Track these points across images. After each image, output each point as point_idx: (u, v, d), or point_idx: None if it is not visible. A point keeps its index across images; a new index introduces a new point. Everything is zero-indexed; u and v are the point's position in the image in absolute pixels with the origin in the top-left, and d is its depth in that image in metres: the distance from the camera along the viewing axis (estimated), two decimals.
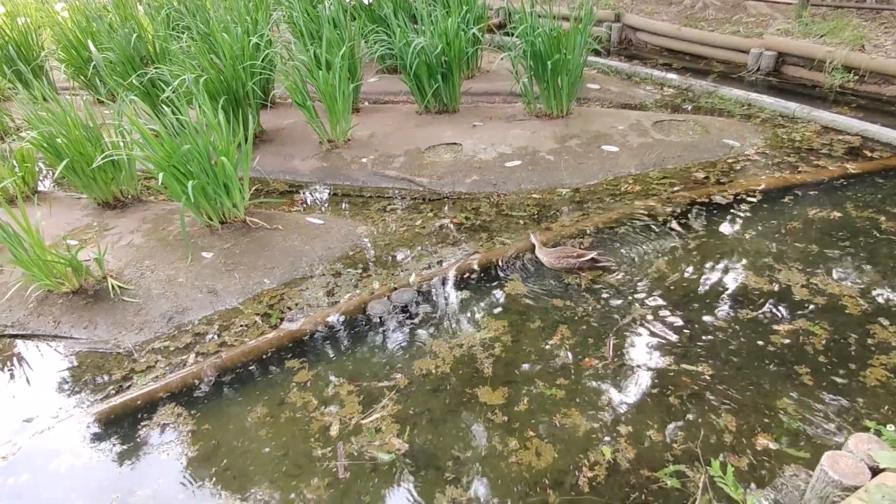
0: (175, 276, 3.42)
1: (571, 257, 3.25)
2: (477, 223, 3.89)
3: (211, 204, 3.63)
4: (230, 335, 3.06)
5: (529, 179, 4.31)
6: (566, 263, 3.26)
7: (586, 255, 3.24)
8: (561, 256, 3.27)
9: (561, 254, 3.28)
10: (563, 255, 3.27)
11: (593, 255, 3.23)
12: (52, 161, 3.89)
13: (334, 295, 3.30)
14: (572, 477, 2.18)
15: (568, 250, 3.30)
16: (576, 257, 3.25)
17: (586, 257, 3.23)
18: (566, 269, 3.28)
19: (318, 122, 4.79)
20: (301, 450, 2.40)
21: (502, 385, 2.59)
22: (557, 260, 3.27)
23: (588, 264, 3.26)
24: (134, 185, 4.30)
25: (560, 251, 3.30)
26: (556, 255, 3.29)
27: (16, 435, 2.60)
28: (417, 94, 5.26)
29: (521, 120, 5.06)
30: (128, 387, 2.79)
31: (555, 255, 3.29)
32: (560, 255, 3.27)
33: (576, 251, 3.29)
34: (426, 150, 4.77)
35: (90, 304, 3.28)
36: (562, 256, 3.27)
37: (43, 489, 2.36)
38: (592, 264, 3.27)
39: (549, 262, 3.31)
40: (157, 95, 4.73)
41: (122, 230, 3.89)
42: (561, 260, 3.26)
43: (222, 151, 3.46)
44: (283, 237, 3.73)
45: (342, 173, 4.68)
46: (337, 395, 2.64)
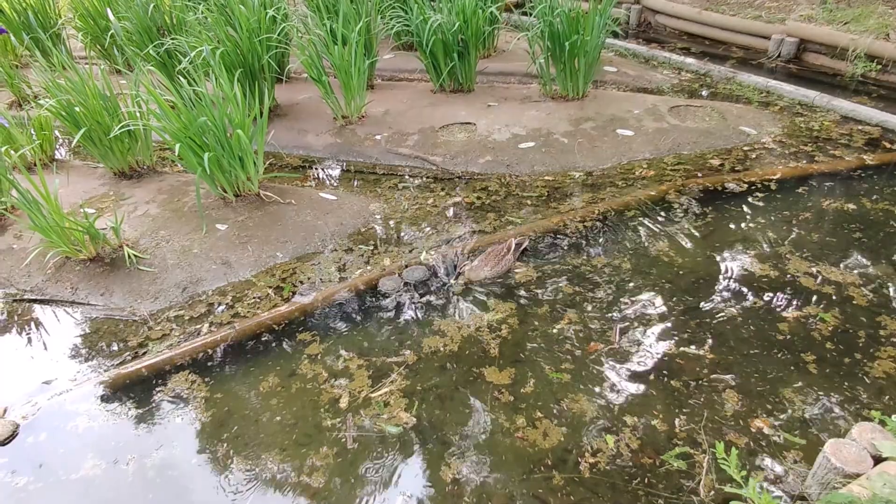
0: (190, 247, 3.45)
1: (506, 255, 3.12)
2: (488, 203, 3.89)
3: (226, 176, 3.65)
4: (243, 306, 3.10)
5: (542, 161, 4.29)
6: (506, 263, 3.11)
7: (511, 244, 3.16)
8: (497, 261, 3.10)
9: (494, 258, 3.11)
10: (497, 256, 3.11)
11: (517, 241, 3.18)
12: (70, 129, 3.91)
13: (346, 271, 3.33)
14: (575, 458, 2.21)
15: (496, 251, 3.14)
16: (507, 251, 3.13)
17: (513, 247, 3.15)
18: (507, 269, 3.14)
19: (333, 98, 4.77)
20: (311, 420, 2.45)
21: (509, 366, 2.61)
22: (497, 265, 3.10)
23: (517, 253, 3.18)
24: (150, 155, 4.32)
25: (489, 257, 3.12)
26: (490, 263, 3.10)
27: (35, 396, 2.67)
28: (433, 72, 5.21)
29: (536, 101, 5.01)
30: (143, 353, 2.84)
31: (489, 263, 3.10)
32: (495, 261, 3.10)
33: (503, 246, 3.15)
34: (440, 128, 4.74)
35: (107, 272, 3.33)
36: (498, 260, 3.10)
37: (60, 448, 2.43)
38: (518, 251, 3.20)
39: (492, 272, 3.10)
40: (174, 66, 4.71)
41: (138, 200, 3.92)
42: (500, 263, 3.10)
43: (238, 124, 3.46)
44: (295, 212, 3.75)
45: (356, 150, 4.67)
46: (346, 368, 2.68)
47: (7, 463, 2.38)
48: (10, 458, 2.40)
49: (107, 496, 2.23)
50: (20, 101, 5.92)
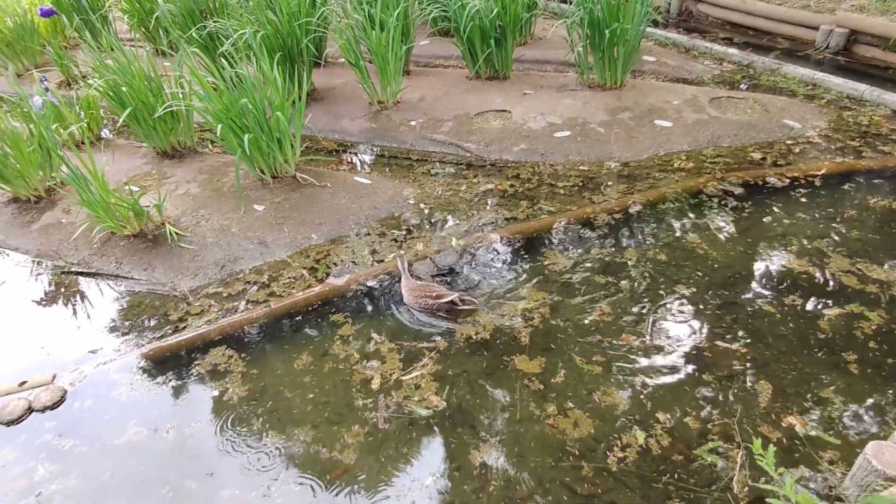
0: (228, 226, 3.51)
1: (430, 297, 2.83)
2: (521, 191, 3.85)
3: (264, 158, 3.69)
4: (278, 286, 3.15)
5: (578, 151, 4.22)
6: (423, 304, 2.85)
7: (445, 296, 2.81)
8: (419, 296, 2.86)
9: (420, 292, 2.87)
10: (422, 293, 2.86)
11: (453, 298, 2.81)
12: (117, 109, 4.00)
13: (379, 254, 3.35)
14: (604, 450, 2.19)
15: (427, 289, 2.88)
16: (434, 298, 2.83)
17: (445, 299, 2.80)
18: (424, 309, 2.87)
19: (369, 83, 4.77)
20: (343, 399, 2.48)
21: (540, 355, 2.60)
22: (416, 299, 2.87)
23: (447, 306, 2.83)
24: (191, 136, 4.40)
25: (420, 289, 2.88)
26: (415, 293, 2.88)
27: (81, 364, 2.77)
28: (469, 58, 5.16)
29: (572, 90, 4.92)
30: (183, 328, 2.92)
31: (414, 293, 2.88)
32: (419, 294, 2.86)
33: (435, 291, 2.85)
34: (475, 115, 4.71)
35: (149, 248, 3.41)
36: (420, 296, 2.86)
37: (104, 415, 2.51)
38: (452, 307, 2.84)
39: (408, 299, 2.91)
40: (216, 49, 4.77)
41: (180, 179, 4.01)
42: (419, 300, 2.86)
43: (278, 107, 3.49)
44: (331, 195, 3.78)
45: (390, 135, 4.67)
46: (378, 351, 2.70)
47: (55, 426, 2.48)
48: (57, 422, 2.50)
49: (147, 462, 2.30)
50: (69, 80, 6.08)
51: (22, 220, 3.86)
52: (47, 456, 2.36)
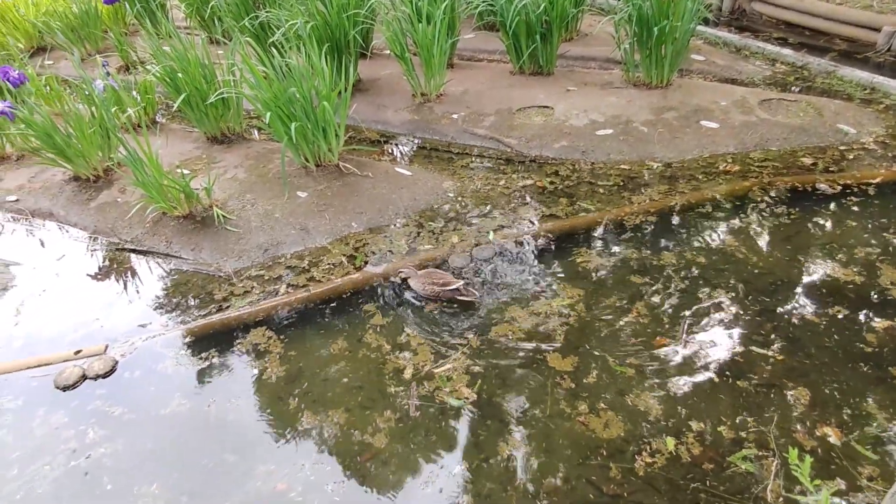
0: (272, 212, 3.59)
1: (437, 284, 2.90)
2: (560, 188, 3.81)
3: (309, 146, 3.76)
4: (318, 271, 3.21)
5: (620, 150, 4.15)
6: (430, 291, 2.91)
7: (451, 284, 2.89)
8: (427, 283, 2.92)
9: (427, 279, 2.93)
10: (430, 280, 2.92)
11: (458, 286, 2.89)
12: (172, 94, 4.13)
13: (416, 245, 3.37)
14: (633, 454, 2.17)
15: (435, 275, 2.94)
16: (440, 285, 2.90)
17: (450, 287, 2.88)
18: (430, 297, 2.94)
19: (414, 75, 4.79)
20: (376, 385, 2.52)
21: (572, 354, 2.58)
22: (423, 286, 2.92)
23: (450, 294, 2.91)
24: (240, 122, 4.51)
25: (427, 275, 2.94)
26: (422, 279, 2.93)
27: (132, 336, 2.89)
28: (513, 53, 5.12)
29: (617, 87, 4.83)
30: (226, 307, 3.01)
31: (422, 279, 2.94)
32: (426, 281, 2.92)
33: (442, 278, 2.92)
34: (517, 111, 4.67)
35: (197, 229, 3.52)
36: (427, 283, 2.92)
37: (151, 386, 2.62)
38: (454, 295, 2.91)
39: (415, 285, 2.96)
40: (266, 38, 4.86)
41: (228, 164, 4.12)
42: (426, 287, 2.92)
43: (324, 97, 3.54)
44: (372, 184, 3.82)
45: (432, 127, 4.68)
46: (409, 343, 2.72)
47: (106, 394, 2.60)
48: (108, 390, 2.62)
49: (189, 433, 2.39)
50: (128, 66, 6.30)
51: (81, 197, 4.04)
52: (97, 421, 2.48)
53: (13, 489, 2.24)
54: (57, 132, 3.81)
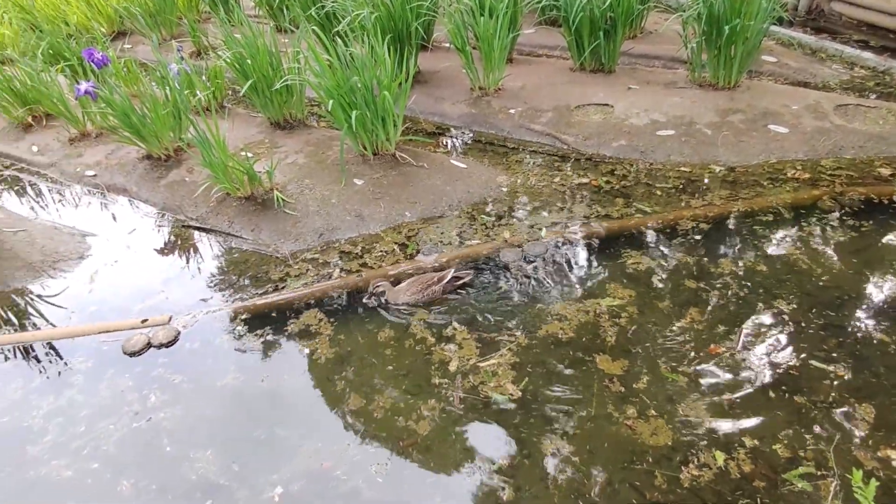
0: (329, 197, 3.66)
1: (433, 284, 2.84)
2: (616, 188, 3.72)
3: (367, 135, 3.80)
4: (371, 258, 3.25)
5: (680, 151, 4.00)
6: (430, 293, 2.85)
7: (446, 275, 2.84)
8: (420, 289, 2.84)
9: (418, 286, 2.85)
10: (423, 284, 2.85)
11: (453, 272, 2.86)
12: (240, 80, 4.25)
13: (468, 237, 3.36)
14: (678, 464, 2.10)
15: (424, 278, 2.88)
16: (437, 282, 2.84)
17: (447, 278, 2.84)
18: (431, 299, 2.87)
19: (473, 69, 4.76)
20: (421, 374, 2.53)
21: (623, 356, 2.52)
22: (418, 293, 2.84)
23: (451, 285, 2.87)
24: (302, 109, 4.60)
25: (415, 282, 2.86)
26: (413, 289, 2.85)
27: (193, 309, 3.01)
28: (575, 49, 5.01)
29: (681, 87, 4.66)
30: (282, 287, 3.09)
31: (412, 289, 2.85)
32: (418, 288, 2.84)
33: (431, 278, 2.87)
34: (575, 108, 4.58)
35: (258, 211, 3.63)
36: (421, 288, 2.84)
37: (209, 357, 2.72)
38: (455, 283, 2.88)
39: (410, 298, 2.85)
40: (331, 28, 4.93)
41: (289, 149, 4.21)
42: (422, 292, 2.84)
43: (385, 86, 3.57)
44: (427, 175, 3.83)
45: (489, 122, 4.65)
46: (455, 336, 2.72)
47: (168, 362, 2.72)
48: (170, 359, 2.74)
49: (242, 405, 2.48)
50: (199, 51, 6.53)
51: (152, 175, 4.23)
52: (159, 387, 2.60)
53: (81, 444, 2.38)
54: (133, 112, 3.99)
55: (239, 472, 2.19)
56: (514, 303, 2.87)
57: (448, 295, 2.91)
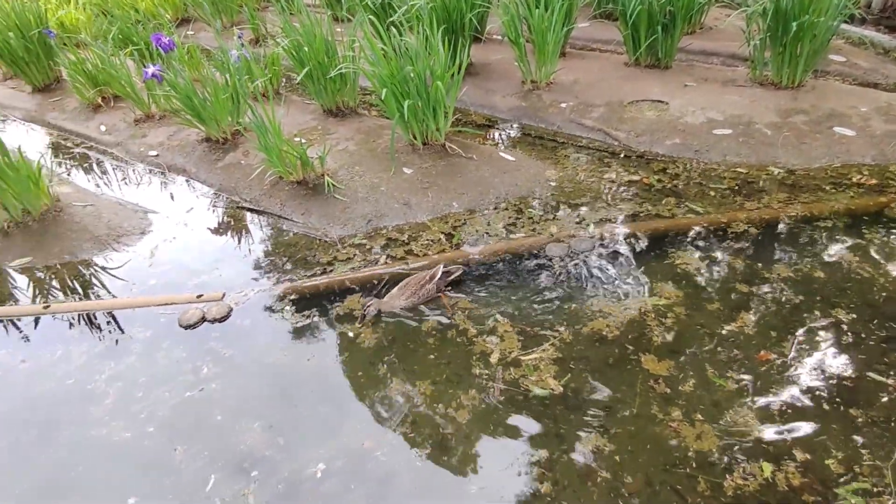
0: (378, 185, 3.69)
1: (427, 284, 2.80)
2: (668, 186, 3.61)
3: (418, 125, 3.81)
4: (417, 246, 3.27)
5: (737, 151, 3.86)
6: (426, 293, 2.80)
7: (437, 272, 2.82)
8: (413, 291, 2.80)
9: (412, 288, 2.80)
10: (417, 285, 2.80)
11: (443, 269, 2.84)
12: (297, 67, 4.33)
13: (514, 230, 3.34)
14: (722, 471, 2.04)
15: (416, 279, 2.83)
16: (430, 280, 2.80)
17: (438, 275, 2.82)
18: (428, 298, 2.82)
19: (525, 62, 4.70)
20: (462, 364, 2.53)
21: (668, 358, 2.45)
22: (413, 296, 2.80)
23: (444, 282, 2.85)
24: (354, 97, 4.65)
25: (408, 285, 2.82)
26: (407, 291, 2.80)
27: (245, 288, 3.10)
28: (630, 44, 4.88)
29: (740, 86, 4.48)
30: (330, 271, 3.14)
31: (406, 292, 2.80)
32: (412, 291, 2.80)
33: (422, 278, 2.83)
34: (628, 104, 4.47)
35: (308, 195, 3.70)
36: (414, 291, 2.80)
37: (260, 336, 2.80)
38: (447, 280, 2.86)
39: (407, 302, 2.80)
40: (386, 17, 4.96)
41: (340, 136, 4.27)
42: (417, 294, 2.80)
43: (438, 77, 3.57)
44: (475, 167, 3.82)
45: (539, 115, 4.59)
46: (496, 328, 2.70)
47: (220, 336, 2.81)
48: (221, 333, 2.83)
49: (288, 382, 2.54)
50: (257, 38, 6.69)
51: (210, 157, 4.36)
52: (211, 360, 2.69)
53: (138, 409, 2.49)
54: (195, 96, 4.12)
55: (284, 446, 2.26)
56: (559, 298, 2.84)
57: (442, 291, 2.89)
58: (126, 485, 2.19)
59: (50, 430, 2.44)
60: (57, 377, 2.69)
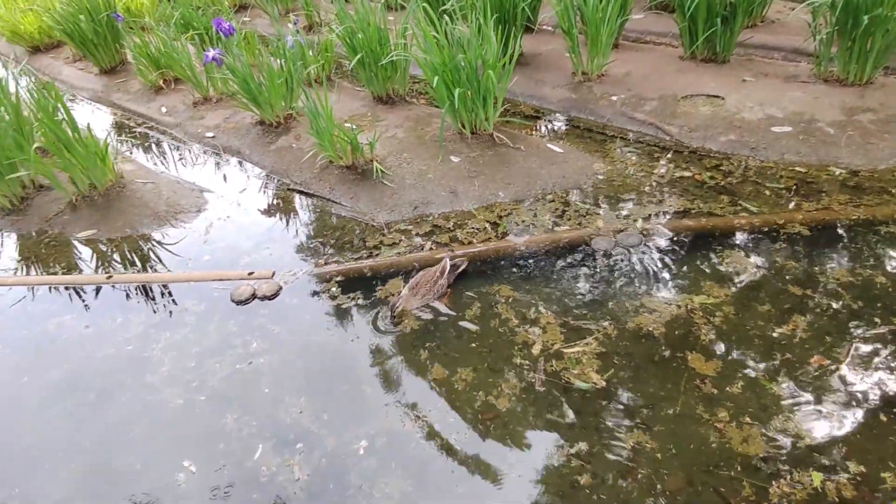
0: (425, 172, 3.70)
1: (439, 278, 2.77)
2: (721, 184, 3.49)
3: (468, 113, 3.79)
4: (462, 233, 3.27)
5: (797, 150, 3.69)
6: (439, 288, 2.78)
7: (445, 266, 2.80)
8: (430, 286, 2.76)
9: (425, 286, 2.76)
10: (430, 282, 2.76)
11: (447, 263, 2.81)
12: (349, 54, 4.37)
13: (560, 222, 3.29)
14: (768, 477, 1.97)
15: (428, 276, 2.78)
16: (441, 275, 2.78)
17: (448, 269, 2.79)
18: (442, 293, 2.80)
19: (578, 53, 4.61)
20: (503, 353, 2.53)
21: (716, 358, 2.39)
22: (427, 294, 2.76)
23: (452, 276, 2.84)
24: (404, 85, 4.67)
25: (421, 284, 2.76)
26: (422, 290, 2.76)
27: (294, 267, 3.17)
28: (687, 36, 4.72)
29: (803, 82, 4.27)
30: (376, 255, 3.18)
31: (421, 290, 2.76)
32: (426, 289, 2.76)
33: (434, 270, 2.80)
34: (682, 98, 4.33)
35: (357, 180, 3.74)
36: (431, 286, 2.76)
37: (305, 313, 2.87)
38: (455, 272, 2.86)
39: (423, 300, 2.77)
40: (439, 5, 4.94)
41: (389, 123, 4.30)
42: (430, 291, 2.76)
43: (490, 66, 3.54)
44: (522, 157, 3.78)
45: (589, 108, 4.50)
46: (538, 318, 2.68)
47: (269, 313, 2.89)
48: (270, 311, 2.91)
49: (332, 360, 2.59)
50: (311, 25, 6.77)
51: (263, 140, 4.46)
52: (260, 335, 2.77)
53: (190, 378, 2.59)
54: (252, 80, 4.21)
55: (328, 422, 2.31)
56: (604, 292, 2.79)
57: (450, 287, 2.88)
58: (180, 448, 2.29)
59: (110, 392, 2.57)
60: (117, 343, 2.83)
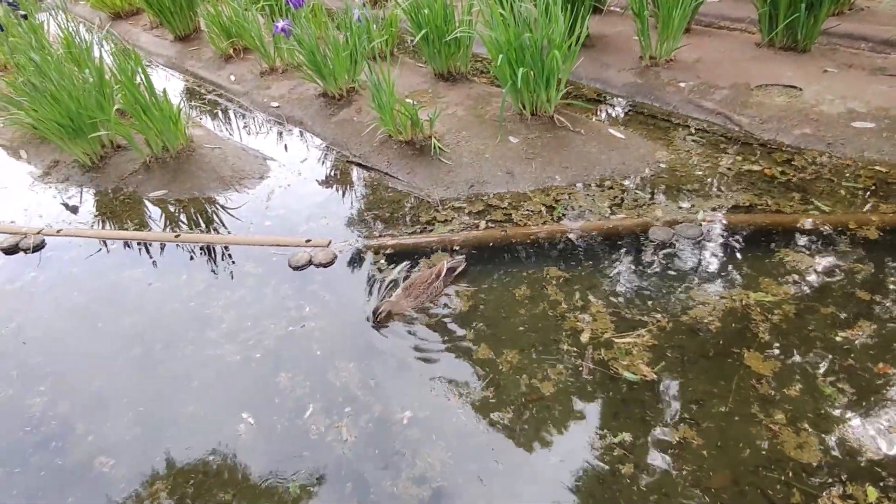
0: (483, 151, 3.66)
1: (434, 281, 2.69)
2: (792, 180, 3.30)
3: (529, 94, 3.71)
4: (516, 215, 3.22)
5: (879, 148, 3.43)
6: (434, 291, 2.69)
7: (442, 268, 2.73)
8: (424, 289, 2.68)
9: (420, 287, 2.68)
10: (424, 284, 2.68)
11: (445, 265, 2.74)
12: (414, 30, 4.33)
13: (618, 210, 3.20)
14: (821, 484, 1.88)
15: (422, 278, 2.70)
16: (436, 278, 2.70)
17: (444, 272, 2.73)
18: (437, 296, 2.72)
19: (647, 36, 4.42)
20: (551, 338, 2.49)
21: (774, 358, 2.28)
22: (422, 295, 2.67)
23: (450, 279, 2.77)
24: (466, 63, 4.60)
25: (414, 287, 2.68)
26: (415, 292, 2.67)
27: (349, 238, 3.21)
28: (766, 22, 4.43)
29: (891, 75, 3.96)
30: (430, 230, 3.19)
31: (414, 292, 2.67)
32: (420, 290, 2.67)
33: (430, 272, 2.72)
34: (755, 87, 4.09)
35: (415, 156, 3.74)
36: (424, 288, 2.68)
37: (357, 282, 2.91)
38: (452, 275, 2.78)
39: (415, 302, 2.67)
40: None
41: (449, 101, 4.26)
42: (426, 293, 2.68)
43: (556, 46, 3.43)
44: (582, 141, 3.68)
45: (654, 94, 4.32)
46: (589, 305, 2.63)
47: (323, 280, 2.95)
48: (325, 278, 2.97)
49: (382, 332, 2.62)
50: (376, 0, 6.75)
51: (326, 112, 4.52)
52: (313, 300, 2.84)
53: (247, 336, 2.68)
54: (318, 52, 4.25)
55: (374, 389, 2.35)
56: (659, 284, 2.70)
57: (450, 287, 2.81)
58: (238, 401, 2.38)
59: (174, 344, 2.70)
60: (181, 299, 2.96)
